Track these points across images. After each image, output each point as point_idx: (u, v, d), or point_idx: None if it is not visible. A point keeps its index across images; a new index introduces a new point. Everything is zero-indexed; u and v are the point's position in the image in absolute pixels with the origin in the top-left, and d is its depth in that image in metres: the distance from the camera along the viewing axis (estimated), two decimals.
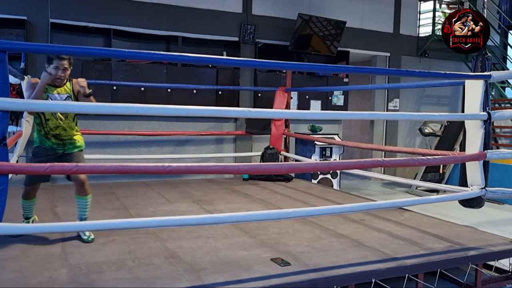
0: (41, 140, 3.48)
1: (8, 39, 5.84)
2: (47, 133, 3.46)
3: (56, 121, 3.45)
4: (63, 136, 3.51)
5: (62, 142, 3.52)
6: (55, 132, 3.47)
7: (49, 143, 3.48)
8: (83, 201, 3.56)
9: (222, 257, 3.15)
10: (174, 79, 6.87)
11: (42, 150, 3.49)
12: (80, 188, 3.53)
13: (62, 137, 3.51)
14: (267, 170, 4.90)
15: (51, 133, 3.46)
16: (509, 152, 3.88)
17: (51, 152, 3.48)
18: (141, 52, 3.08)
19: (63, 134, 3.51)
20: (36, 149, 3.52)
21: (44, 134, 3.46)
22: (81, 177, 3.51)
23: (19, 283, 2.62)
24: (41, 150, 3.49)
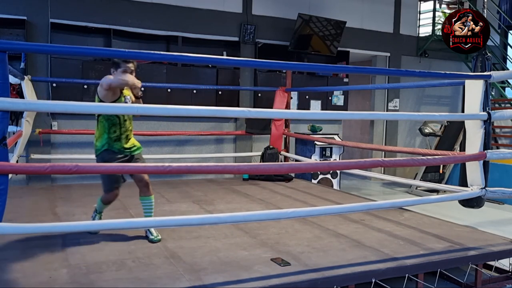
0: (110, 143, 3.45)
1: (8, 39, 5.84)
2: (121, 133, 3.48)
3: (130, 121, 3.56)
4: (130, 136, 3.59)
5: (129, 143, 3.57)
6: (127, 133, 3.55)
7: (118, 145, 3.48)
8: (147, 201, 3.63)
9: (222, 257, 3.15)
10: (174, 79, 6.87)
11: (112, 153, 3.45)
12: (145, 189, 3.59)
13: (130, 138, 3.58)
14: (267, 170, 4.90)
15: (125, 134, 3.51)
16: (509, 152, 3.88)
17: (120, 154, 3.48)
18: (141, 52, 3.08)
19: (130, 135, 3.60)
20: (105, 154, 3.45)
21: (118, 136, 3.47)
22: (145, 178, 3.56)
23: (19, 283, 2.62)
24: (110, 154, 3.44)
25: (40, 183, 6.08)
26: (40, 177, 6.13)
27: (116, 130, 3.46)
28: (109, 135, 3.45)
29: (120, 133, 3.48)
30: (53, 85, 6.22)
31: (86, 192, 5.38)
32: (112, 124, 3.45)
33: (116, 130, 3.46)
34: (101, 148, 3.46)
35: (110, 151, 3.45)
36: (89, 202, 4.85)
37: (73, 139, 6.47)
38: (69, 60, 6.33)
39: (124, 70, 3.41)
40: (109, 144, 3.45)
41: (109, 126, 3.44)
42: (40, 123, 6.05)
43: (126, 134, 3.52)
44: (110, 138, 3.45)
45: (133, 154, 3.57)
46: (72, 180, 6.35)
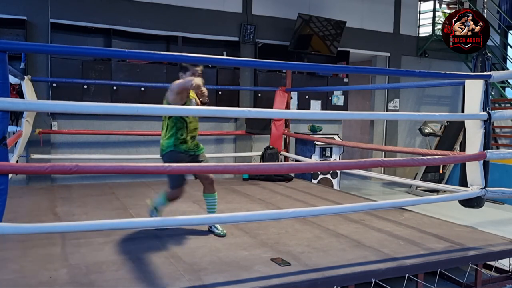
0: (176, 144, 3.58)
1: (8, 39, 5.84)
2: (187, 135, 3.60)
3: (196, 123, 3.66)
4: (196, 137, 3.71)
5: (194, 144, 3.69)
6: (193, 133, 3.66)
7: (185, 146, 3.60)
8: (211, 198, 3.77)
9: (222, 257, 3.15)
10: (174, 79, 6.79)
11: (178, 153, 3.57)
12: (210, 186, 3.75)
13: (195, 138, 3.70)
14: (267, 170, 4.90)
15: (190, 135, 3.62)
16: (509, 152, 3.88)
17: (185, 155, 3.61)
18: (141, 52, 3.08)
19: (196, 135, 3.71)
20: (171, 154, 3.57)
21: (184, 137, 3.59)
22: (211, 176, 3.73)
23: (19, 283, 2.62)
24: (176, 155, 3.56)
25: (40, 183, 6.09)
26: (40, 177, 6.13)
27: (183, 133, 3.59)
28: (176, 136, 3.58)
29: (186, 135, 3.60)
30: (53, 85, 6.22)
31: (86, 192, 5.38)
32: (180, 128, 3.58)
33: (183, 133, 3.59)
34: (167, 149, 3.60)
35: (176, 151, 3.58)
36: (89, 202, 4.86)
37: (73, 139, 6.47)
38: (69, 60, 6.33)
39: (193, 73, 3.54)
40: (175, 145, 3.58)
41: (176, 129, 3.58)
42: (40, 123, 6.05)
43: (191, 136, 3.65)
44: (177, 140, 3.59)
45: (197, 154, 3.71)
46: (72, 180, 6.36)
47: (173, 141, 3.58)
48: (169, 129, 3.60)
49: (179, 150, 3.58)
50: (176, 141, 3.57)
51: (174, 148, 3.58)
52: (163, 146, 3.63)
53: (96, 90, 6.47)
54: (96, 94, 6.44)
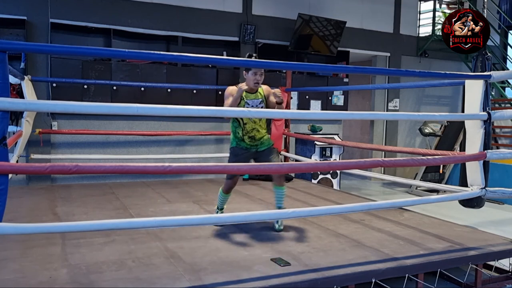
0: (238, 142, 3.90)
1: (8, 39, 5.84)
2: (244, 135, 3.85)
3: (253, 124, 3.84)
4: (257, 136, 3.88)
5: (255, 142, 3.89)
6: (251, 134, 3.86)
7: (243, 143, 3.88)
8: (281, 191, 3.91)
9: (222, 257, 3.15)
10: (174, 79, 6.87)
11: (239, 149, 3.90)
12: (279, 179, 3.89)
13: (256, 138, 3.88)
14: (267, 170, 4.89)
15: (247, 135, 3.85)
16: (509, 152, 3.88)
17: (246, 151, 3.90)
18: (141, 52, 3.07)
19: (257, 135, 3.88)
20: (234, 149, 3.92)
21: (241, 136, 3.86)
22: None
23: (19, 283, 2.62)
24: (238, 150, 3.90)
25: (40, 183, 6.09)
26: (40, 177, 6.13)
27: (239, 131, 3.86)
28: (236, 135, 3.90)
29: (243, 134, 3.85)
30: (53, 85, 6.22)
31: (86, 192, 5.38)
32: (236, 127, 3.87)
33: (239, 132, 3.86)
34: (230, 145, 3.97)
35: (237, 148, 3.91)
36: (89, 202, 4.86)
37: (73, 139, 6.47)
38: (69, 60, 6.33)
39: (255, 72, 3.81)
40: (236, 142, 3.91)
41: (234, 127, 3.89)
42: (40, 123, 6.05)
43: (250, 135, 3.86)
44: (237, 138, 3.90)
45: (259, 150, 3.92)
46: (72, 180, 6.36)
47: (234, 139, 3.92)
48: (231, 127, 3.95)
49: (241, 146, 3.90)
50: (236, 139, 3.90)
51: (236, 145, 3.91)
52: (230, 142, 4.00)
53: (96, 90, 6.47)
54: (96, 94, 6.44)
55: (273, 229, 3.87)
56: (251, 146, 3.89)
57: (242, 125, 3.84)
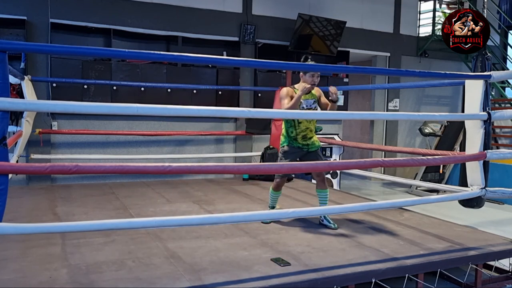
0: (290, 141, 4.05)
1: (8, 39, 5.84)
2: (297, 134, 4.00)
3: (306, 123, 4.00)
4: (309, 136, 4.04)
5: (307, 141, 4.04)
6: (304, 133, 4.01)
7: (296, 143, 4.02)
8: (324, 194, 4.09)
9: (222, 257, 3.15)
10: (174, 79, 6.87)
11: (291, 149, 4.04)
12: (322, 183, 4.09)
13: (308, 137, 4.04)
14: (267, 170, 4.90)
15: (300, 134, 4.00)
16: (509, 152, 3.88)
17: (298, 150, 4.04)
18: (141, 52, 3.07)
19: (309, 134, 4.05)
20: (286, 148, 4.06)
21: (295, 136, 4.01)
22: (323, 173, 4.13)
23: (19, 283, 2.62)
24: (290, 149, 4.04)
25: (40, 183, 6.09)
26: (40, 177, 6.13)
27: (293, 131, 4.01)
28: (289, 134, 4.04)
29: (296, 133, 4.00)
30: (53, 85, 6.22)
31: (86, 192, 5.38)
32: (289, 126, 4.02)
33: (293, 131, 4.01)
34: (283, 144, 4.10)
35: (290, 146, 4.05)
36: (89, 202, 4.87)
37: (73, 139, 6.47)
38: (69, 60, 6.33)
39: (312, 74, 3.96)
40: (289, 141, 4.05)
41: (287, 127, 4.05)
42: (40, 123, 6.05)
43: (302, 135, 4.01)
44: (289, 137, 4.05)
45: (311, 150, 4.06)
46: (72, 180, 6.36)
47: (287, 137, 4.05)
48: (284, 127, 4.10)
49: (293, 145, 4.03)
50: (288, 138, 4.04)
51: (289, 144, 4.04)
52: (281, 141, 4.13)
53: (96, 90, 6.47)
54: (96, 94, 6.44)
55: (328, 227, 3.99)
56: (303, 146, 4.03)
57: (296, 124, 3.99)
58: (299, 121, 3.98)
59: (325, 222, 4.04)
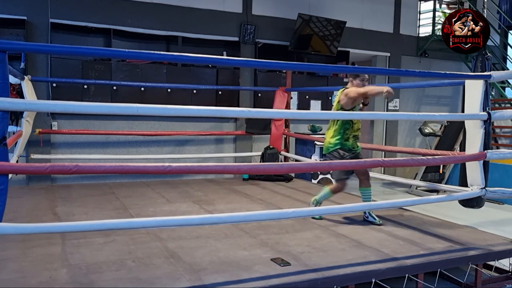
0: (342, 142, 4.09)
1: (8, 39, 5.84)
2: (350, 134, 4.09)
3: (359, 123, 4.14)
4: (358, 136, 4.17)
5: (357, 143, 4.16)
6: (356, 133, 4.13)
7: (349, 144, 4.10)
8: (367, 192, 4.22)
9: (222, 257, 3.15)
10: (174, 79, 6.87)
11: (344, 151, 4.10)
12: (366, 181, 4.20)
13: (357, 138, 4.16)
14: (267, 170, 4.90)
15: (353, 134, 4.11)
16: (509, 152, 3.88)
17: (350, 152, 4.11)
18: (141, 52, 3.07)
19: (358, 135, 4.18)
20: (339, 150, 4.11)
21: (348, 136, 4.09)
22: (367, 172, 4.23)
23: (19, 283, 2.62)
24: (343, 151, 4.10)
25: (40, 183, 6.09)
26: (40, 177, 6.13)
27: (348, 132, 4.08)
28: (343, 135, 4.08)
29: (350, 133, 4.09)
30: (53, 85, 6.22)
31: (86, 192, 5.38)
32: (348, 127, 4.07)
33: (348, 132, 4.08)
34: (334, 146, 4.12)
35: (344, 148, 4.09)
36: (89, 202, 4.87)
37: (73, 139, 6.47)
38: (69, 60, 6.34)
39: (363, 79, 4.04)
40: (341, 143, 4.08)
41: (345, 128, 4.08)
42: (40, 123, 6.05)
43: (355, 134, 4.12)
44: (342, 138, 4.09)
45: (358, 152, 4.17)
46: (72, 180, 6.36)
47: (340, 139, 4.08)
48: (337, 129, 4.10)
49: (345, 147, 4.08)
50: (342, 139, 4.08)
51: (341, 146, 4.08)
52: (331, 144, 4.13)
53: (96, 90, 6.47)
54: (96, 94, 6.44)
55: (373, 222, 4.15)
56: (353, 147, 4.12)
57: (353, 125, 4.09)
58: (354, 121, 4.10)
59: (370, 219, 4.17)
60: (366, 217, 4.22)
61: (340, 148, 4.09)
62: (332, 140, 4.13)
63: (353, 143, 4.12)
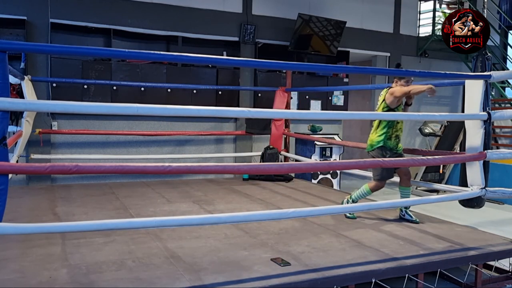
0: (385, 141, 4.17)
1: (8, 39, 5.84)
2: (392, 133, 4.16)
3: (401, 124, 4.22)
4: (400, 136, 4.24)
5: (398, 142, 4.23)
6: (398, 133, 4.20)
7: (390, 143, 4.17)
8: (407, 191, 4.32)
9: (222, 257, 3.15)
10: (174, 79, 6.87)
11: (387, 149, 4.17)
12: (407, 181, 4.29)
13: (399, 138, 4.24)
14: (267, 170, 4.90)
15: (395, 133, 4.18)
16: (509, 152, 3.88)
17: (391, 151, 4.18)
18: (141, 52, 3.08)
19: (400, 135, 4.25)
20: (382, 148, 4.17)
21: (390, 135, 4.16)
22: (410, 172, 4.33)
23: (19, 283, 2.62)
24: (385, 150, 4.17)
25: (40, 183, 6.09)
26: (40, 177, 6.13)
27: (390, 130, 4.16)
28: (386, 134, 4.15)
29: (392, 132, 4.16)
30: (53, 85, 6.22)
31: (86, 192, 5.38)
32: (390, 126, 4.15)
33: (390, 131, 4.16)
34: (377, 144, 4.18)
35: (385, 147, 4.16)
36: (89, 202, 4.87)
37: (73, 139, 6.47)
38: (69, 60, 6.33)
39: (407, 80, 4.11)
40: (384, 141, 4.15)
41: (388, 127, 4.15)
42: (40, 123, 6.05)
43: (396, 134, 4.19)
44: (385, 137, 4.16)
45: (399, 152, 4.24)
46: (72, 180, 6.36)
47: (384, 138, 4.15)
48: (381, 127, 4.18)
49: (387, 146, 4.15)
50: (385, 138, 4.15)
51: (384, 144, 4.15)
52: (374, 142, 4.20)
53: (96, 90, 6.47)
54: (96, 94, 6.44)
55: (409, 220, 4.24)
56: (393, 147, 4.19)
57: (395, 124, 4.16)
58: (397, 121, 4.17)
59: (407, 217, 4.27)
60: (403, 215, 4.32)
61: (383, 146, 4.16)
62: (375, 138, 4.21)
63: (394, 142, 4.20)
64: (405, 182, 4.31)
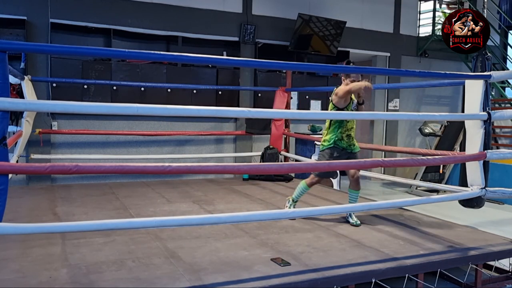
0: (336, 141, 4.11)
1: (8, 39, 5.84)
2: (343, 133, 4.10)
3: (352, 123, 4.14)
4: (352, 135, 4.17)
5: (351, 142, 4.15)
6: (349, 132, 4.13)
7: (342, 143, 4.11)
8: (355, 194, 4.22)
9: (222, 257, 3.15)
10: (174, 79, 6.87)
11: (336, 150, 4.11)
12: (356, 184, 4.19)
13: (351, 137, 4.16)
14: (267, 170, 4.90)
15: (346, 133, 4.11)
16: (509, 152, 3.88)
17: (343, 151, 4.11)
18: (141, 52, 3.07)
19: (353, 134, 4.17)
20: (331, 149, 4.11)
21: (341, 134, 4.10)
22: (358, 174, 4.20)
23: (19, 283, 2.62)
24: (335, 150, 4.11)
25: (40, 183, 6.09)
26: (40, 177, 6.13)
27: (341, 130, 4.09)
28: (336, 133, 4.10)
29: (342, 131, 4.10)
30: (53, 85, 6.22)
31: (86, 192, 5.38)
32: (339, 126, 4.09)
33: (341, 130, 4.09)
34: (328, 146, 4.13)
35: (335, 147, 4.11)
36: (89, 202, 4.87)
37: (73, 139, 6.47)
38: (69, 60, 6.34)
39: (354, 78, 4.03)
40: (334, 142, 4.10)
41: (337, 126, 4.10)
42: (40, 123, 6.06)
43: (348, 133, 4.12)
44: (336, 136, 4.10)
45: (353, 152, 4.16)
46: (72, 180, 6.36)
47: (334, 137, 4.10)
48: (332, 128, 4.13)
49: (338, 146, 4.11)
50: (335, 137, 4.09)
51: (334, 145, 4.10)
52: (325, 142, 4.16)
53: (96, 90, 6.47)
54: (96, 94, 6.44)
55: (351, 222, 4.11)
56: (347, 146, 4.12)
57: (345, 123, 4.09)
58: (347, 120, 4.11)
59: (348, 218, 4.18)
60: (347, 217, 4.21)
61: (333, 147, 4.10)
62: (326, 138, 4.17)
63: (347, 142, 4.13)
64: (353, 185, 4.20)
